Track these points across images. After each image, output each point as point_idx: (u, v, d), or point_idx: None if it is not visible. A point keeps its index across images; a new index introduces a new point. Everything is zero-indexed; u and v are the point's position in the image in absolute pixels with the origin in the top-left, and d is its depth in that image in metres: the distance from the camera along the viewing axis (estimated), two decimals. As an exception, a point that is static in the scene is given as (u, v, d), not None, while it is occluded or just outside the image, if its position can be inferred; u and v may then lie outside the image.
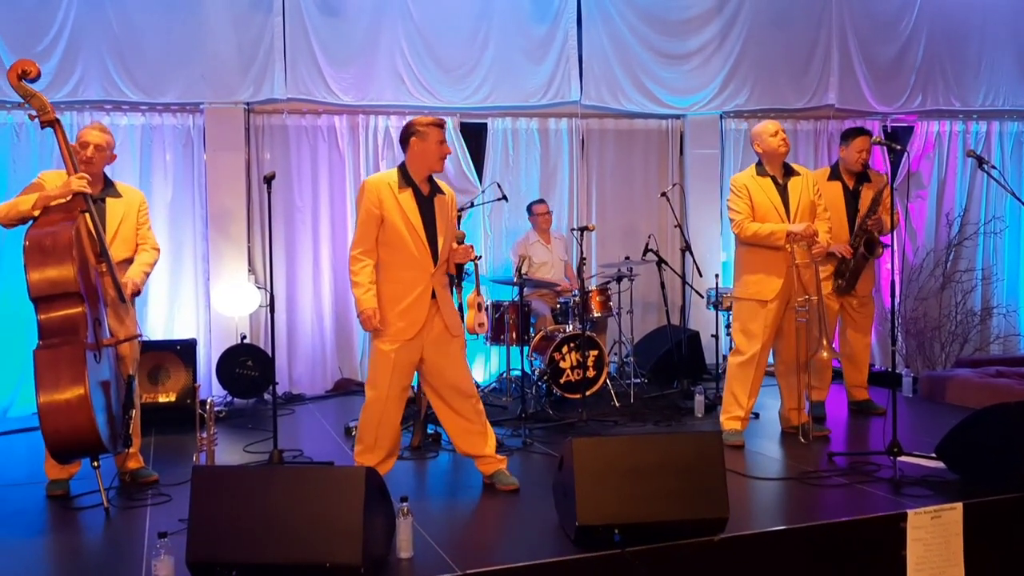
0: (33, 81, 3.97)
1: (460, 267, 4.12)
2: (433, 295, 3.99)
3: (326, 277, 6.99)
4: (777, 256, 4.77)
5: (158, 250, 4.44)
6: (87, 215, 3.94)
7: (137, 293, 4.26)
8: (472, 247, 4.16)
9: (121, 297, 4.11)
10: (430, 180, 4.08)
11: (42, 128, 4.00)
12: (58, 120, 4.00)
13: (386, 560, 3.16)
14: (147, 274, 4.33)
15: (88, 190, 3.94)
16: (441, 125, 4.05)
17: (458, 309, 5.07)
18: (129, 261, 4.28)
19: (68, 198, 3.92)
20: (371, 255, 3.98)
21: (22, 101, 4.00)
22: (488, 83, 7.17)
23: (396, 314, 3.95)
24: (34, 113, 3.99)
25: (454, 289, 5.25)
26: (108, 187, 4.28)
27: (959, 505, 3.62)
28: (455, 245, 4.08)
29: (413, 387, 5.40)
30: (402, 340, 3.94)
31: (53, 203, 3.90)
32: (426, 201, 4.01)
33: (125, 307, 4.20)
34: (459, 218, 5.29)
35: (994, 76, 8.17)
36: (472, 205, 6.65)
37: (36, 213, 3.87)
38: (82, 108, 6.46)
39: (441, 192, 4.11)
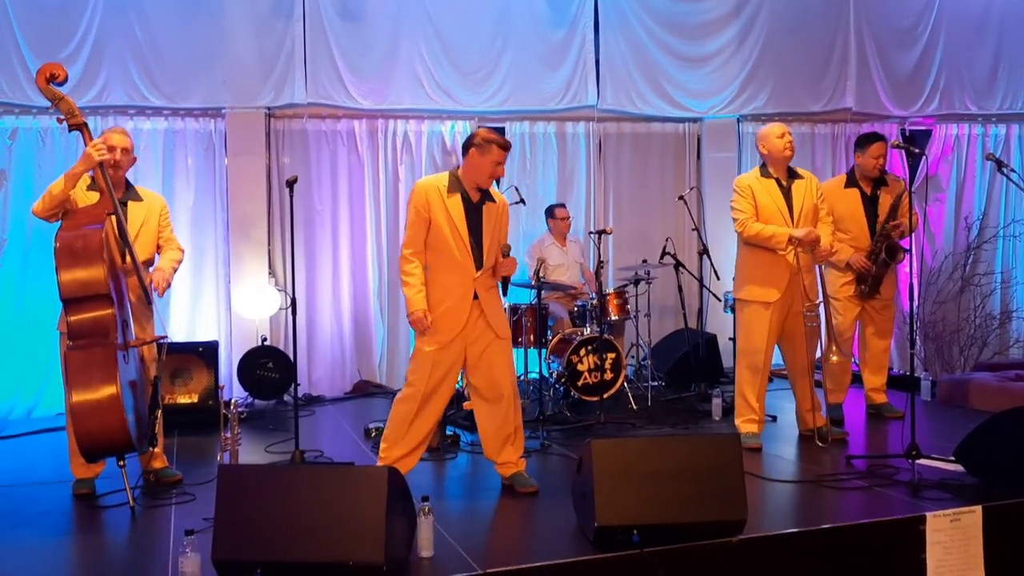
0: (61, 84, 3.98)
1: (506, 279, 4.10)
2: (476, 296, 4.00)
3: (345, 280, 7.04)
4: (779, 259, 4.77)
5: (183, 251, 4.48)
6: (113, 217, 3.98)
7: (167, 286, 4.25)
8: (515, 260, 4.07)
9: (147, 300, 4.16)
10: (481, 188, 4.07)
11: (69, 131, 4.01)
12: (86, 124, 4.02)
13: (407, 559, 3.20)
14: (175, 269, 4.35)
15: (107, 157, 3.97)
16: (505, 147, 4.01)
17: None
18: (148, 263, 4.31)
19: (100, 196, 4.00)
20: (421, 256, 4.03)
21: (50, 105, 4.02)
22: (506, 87, 7.21)
23: (436, 316, 3.99)
24: (62, 117, 3.99)
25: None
26: (129, 191, 4.31)
27: (978, 508, 3.62)
28: (500, 258, 4.04)
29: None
30: (441, 342, 3.99)
31: (80, 179, 3.95)
32: (474, 207, 4.03)
33: (146, 311, 4.25)
34: None
35: (1012, 80, 8.13)
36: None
37: (70, 191, 3.90)
38: (106, 113, 6.54)
39: (491, 199, 4.10)
